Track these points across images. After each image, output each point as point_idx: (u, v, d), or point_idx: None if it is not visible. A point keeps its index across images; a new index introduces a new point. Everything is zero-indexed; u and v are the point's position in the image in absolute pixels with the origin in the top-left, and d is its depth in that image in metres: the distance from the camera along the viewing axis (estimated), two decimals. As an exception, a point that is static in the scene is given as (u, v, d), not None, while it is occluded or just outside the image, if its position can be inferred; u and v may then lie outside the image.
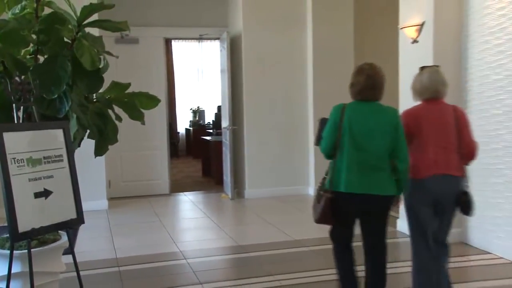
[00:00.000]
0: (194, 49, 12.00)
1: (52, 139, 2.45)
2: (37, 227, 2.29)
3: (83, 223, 2.54)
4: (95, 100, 2.81)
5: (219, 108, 9.35)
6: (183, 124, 12.39)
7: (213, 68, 11.30)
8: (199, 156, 10.19)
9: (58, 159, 2.45)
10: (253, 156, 6.76)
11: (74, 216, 2.48)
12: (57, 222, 2.40)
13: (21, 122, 2.44)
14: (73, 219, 2.48)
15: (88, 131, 2.69)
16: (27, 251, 2.27)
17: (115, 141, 2.87)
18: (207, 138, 9.17)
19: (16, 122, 2.42)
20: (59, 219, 2.41)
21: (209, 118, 11.80)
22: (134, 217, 5.88)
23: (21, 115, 2.45)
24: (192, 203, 6.86)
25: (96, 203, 6.01)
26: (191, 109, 12.13)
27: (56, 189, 2.41)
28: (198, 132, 11.20)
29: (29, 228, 2.25)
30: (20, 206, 2.22)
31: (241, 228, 5.60)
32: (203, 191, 7.63)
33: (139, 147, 7.08)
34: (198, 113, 12.08)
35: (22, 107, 2.43)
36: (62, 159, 2.47)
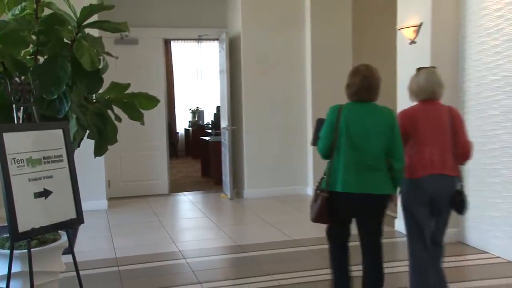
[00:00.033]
0: (193, 49, 12.01)
1: (52, 140, 2.44)
2: (37, 227, 2.29)
3: (82, 223, 2.54)
4: (94, 100, 2.81)
5: (218, 108, 9.36)
6: (182, 124, 12.40)
7: (212, 68, 11.31)
8: (198, 156, 10.20)
9: (58, 159, 2.45)
10: (252, 156, 6.77)
11: (73, 216, 2.48)
12: (57, 222, 2.40)
13: (21, 122, 2.44)
14: (72, 219, 2.48)
15: (87, 132, 2.68)
16: (27, 250, 2.27)
17: (115, 141, 2.87)
18: (206, 138, 9.17)
19: (16, 122, 2.42)
20: (59, 219, 2.41)
21: (208, 118, 11.80)
22: (133, 217, 5.89)
23: (21, 116, 2.45)
24: (191, 203, 6.86)
25: (95, 203, 6.02)
26: (190, 110, 12.14)
27: (56, 189, 2.41)
28: (197, 132, 11.21)
29: (29, 228, 2.25)
30: (20, 206, 2.22)
31: (240, 228, 5.61)
32: (202, 191, 7.64)
33: (139, 148, 7.08)
34: (197, 114, 12.09)
35: (22, 108, 2.43)
36: (62, 159, 2.47)
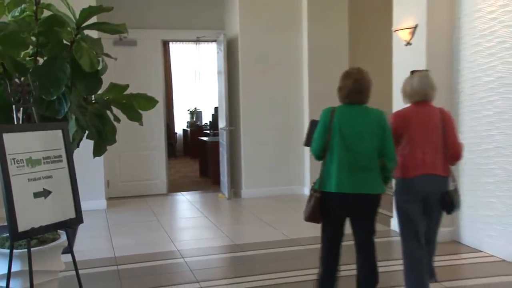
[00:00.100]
0: (191, 51, 12.03)
1: (51, 140, 2.46)
2: (37, 226, 2.30)
3: (82, 222, 2.56)
4: (93, 101, 2.83)
5: (216, 109, 9.37)
6: (181, 125, 12.41)
7: (210, 69, 11.34)
8: (196, 156, 10.23)
9: (57, 159, 2.47)
10: (249, 156, 6.80)
11: (73, 215, 2.50)
12: (57, 221, 2.42)
13: (20, 123, 2.46)
14: (72, 219, 2.49)
15: (87, 132, 2.71)
16: (26, 250, 2.29)
17: (114, 141, 2.89)
18: (204, 138, 9.20)
19: (15, 123, 2.44)
20: (59, 218, 2.42)
21: (206, 119, 11.82)
22: (132, 217, 5.91)
23: (21, 116, 2.47)
24: (189, 202, 6.89)
25: (95, 202, 6.04)
26: (188, 110, 12.16)
27: (55, 189, 2.42)
28: (195, 132, 11.23)
29: (29, 227, 2.27)
30: (19, 205, 2.24)
31: (238, 227, 5.64)
32: (200, 191, 7.66)
33: (137, 148, 7.11)
34: (195, 114, 12.11)
35: (21, 108, 2.46)
36: (61, 160, 2.49)
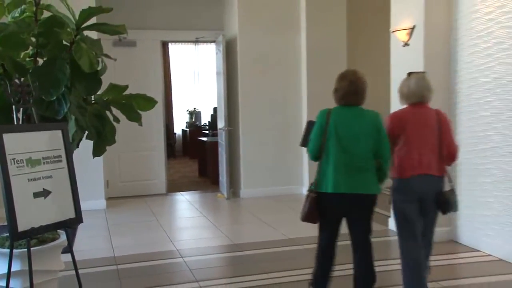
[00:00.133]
0: (190, 51, 12.03)
1: (51, 140, 2.47)
2: (37, 226, 2.31)
3: (81, 222, 2.57)
4: (93, 102, 2.84)
5: (215, 109, 9.39)
6: (180, 125, 12.42)
7: (209, 70, 11.35)
8: (195, 156, 10.24)
9: (57, 159, 2.47)
10: (248, 156, 6.82)
11: (72, 215, 2.51)
12: (56, 221, 2.42)
13: (20, 123, 2.47)
14: (71, 219, 2.50)
15: (86, 132, 2.71)
16: (26, 249, 2.30)
17: (113, 142, 2.89)
18: (203, 139, 9.21)
19: (15, 123, 2.45)
20: (58, 218, 2.43)
21: (205, 119, 11.83)
22: (131, 217, 5.93)
23: (21, 117, 2.48)
24: (188, 202, 6.91)
25: (94, 202, 6.06)
26: (187, 111, 12.17)
27: (55, 189, 2.43)
28: (194, 133, 11.23)
29: (29, 227, 2.27)
30: (19, 205, 2.25)
31: (237, 227, 5.65)
32: (199, 191, 7.68)
33: (137, 148, 7.12)
34: (194, 115, 12.12)
35: (21, 109, 2.47)
36: (61, 160, 2.49)
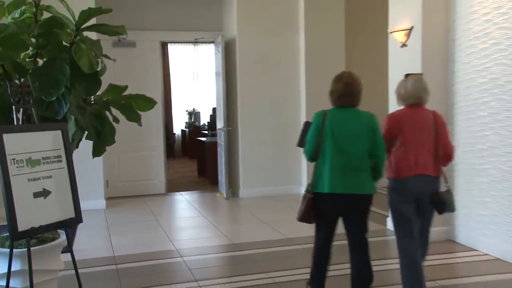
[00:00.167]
0: (189, 52, 12.05)
1: (51, 140, 2.48)
2: (37, 226, 2.32)
3: (81, 222, 2.57)
4: (93, 102, 2.85)
5: (214, 109, 9.42)
6: (179, 125, 12.43)
7: (208, 70, 11.37)
8: (194, 156, 10.25)
9: (57, 159, 2.48)
10: (247, 156, 6.84)
11: (72, 215, 2.52)
12: (56, 221, 2.43)
13: (20, 123, 2.49)
14: (71, 218, 2.51)
15: (86, 133, 2.72)
16: (26, 249, 2.31)
17: (113, 142, 2.90)
18: (203, 139, 9.22)
19: (15, 123, 2.47)
20: (58, 218, 2.44)
21: (205, 119, 11.85)
22: (131, 216, 5.94)
23: (21, 117, 2.49)
24: (187, 202, 6.92)
25: (94, 202, 6.07)
26: (186, 111, 12.18)
27: (55, 189, 2.44)
28: (193, 133, 11.25)
29: (29, 227, 2.28)
30: (19, 205, 2.25)
31: (236, 226, 5.67)
32: (198, 190, 7.69)
33: (136, 148, 7.13)
34: (193, 115, 12.14)
35: (21, 109, 2.48)
36: (61, 160, 2.50)
